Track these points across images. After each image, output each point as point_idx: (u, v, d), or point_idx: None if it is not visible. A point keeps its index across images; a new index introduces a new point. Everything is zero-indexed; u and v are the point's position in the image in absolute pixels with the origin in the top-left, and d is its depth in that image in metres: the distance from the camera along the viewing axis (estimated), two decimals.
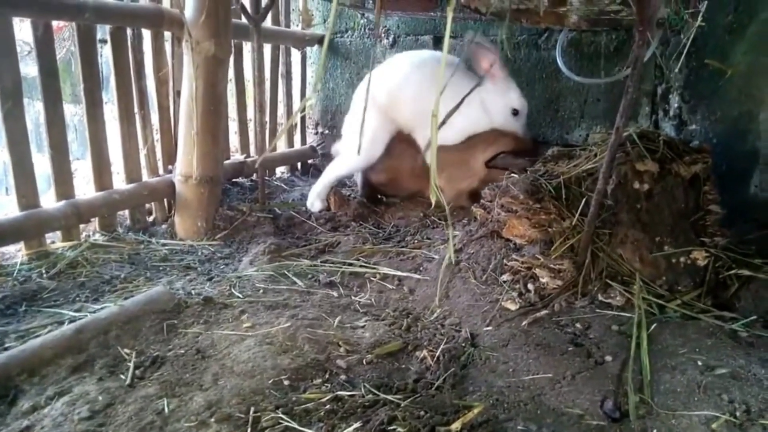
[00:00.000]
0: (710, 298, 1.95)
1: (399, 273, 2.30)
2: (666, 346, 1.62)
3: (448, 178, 2.87)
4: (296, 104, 3.93)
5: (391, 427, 1.33)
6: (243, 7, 2.83)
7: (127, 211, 2.77)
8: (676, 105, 2.82)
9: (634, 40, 1.71)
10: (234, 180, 3.35)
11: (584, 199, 2.06)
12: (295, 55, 3.92)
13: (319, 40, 3.97)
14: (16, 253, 2.34)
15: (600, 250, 2.00)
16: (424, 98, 2.56)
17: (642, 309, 1.79)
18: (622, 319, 1.79)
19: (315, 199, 3.08)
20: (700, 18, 1.86)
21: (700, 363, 1.52)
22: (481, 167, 2.82)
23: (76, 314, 1.86)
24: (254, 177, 3.43)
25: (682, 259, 1.99)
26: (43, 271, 2.20)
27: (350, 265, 2.37)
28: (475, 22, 3.38)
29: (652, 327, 1.71)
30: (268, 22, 3.36)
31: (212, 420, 1.35)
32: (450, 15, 1.15)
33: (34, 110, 4.55)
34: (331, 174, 3.06)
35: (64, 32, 4.13)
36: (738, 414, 1.33)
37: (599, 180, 1.86)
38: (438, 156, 1.21)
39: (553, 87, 3.26)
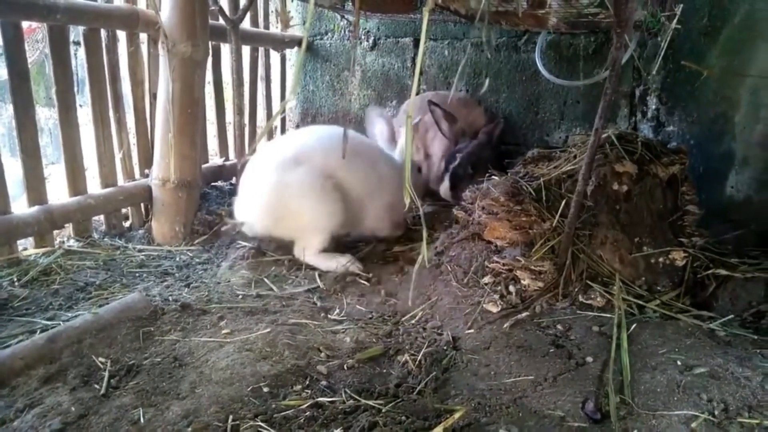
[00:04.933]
0: (689, 298, 1.97)
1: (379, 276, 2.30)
2: (646, 347, 1.63)
3: None
4: (276, 107, 3.89)
5: None
6: (221, 9, 2.79)
7: (102, 217, 2.71)
8: (653, 107, 2.85)
9: (612, 42, 1.73)
10: (213, 183, 3.30)
11: (564, 201, 2.07)
12: (275, 57, 3.89)
13: (299, 42, 3.94)
14: None
15: (580, 251, 2.01)
16: None
17: (622, 309, 1.80)
18: (603, 320, 1.80)
19: None
20: (676, 21, 1.88)
21: (679, 362, 1.53)
22: None
23: (49, 323, 1.81)
24: (233, 180, 3.38)
25: (661, 260, 2.01)
26: (15, 279, 2.14)
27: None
28: (454, 24, 3.38)
29: (632, 327, 1.72)
30: (246, 24, 3.33)
31: (189, 429, 1.32)
32: (426, 16, 1.15)
33: (7, 113, 4.45)
34: None
35: (38, 34, 4.04)
36: (717, 413, 1.34)
37: (579, 181, 1.87)
38: None
39: (532, 89, 3.28)
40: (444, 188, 2.93)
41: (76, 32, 3.12)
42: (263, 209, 2.37)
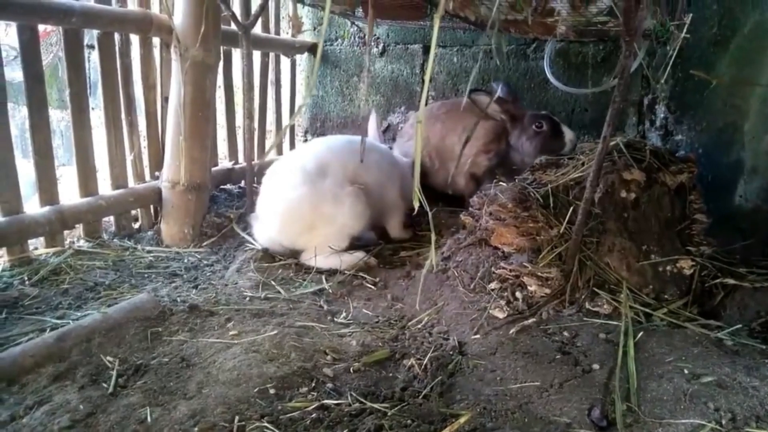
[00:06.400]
0: (696, 307, 1.96)
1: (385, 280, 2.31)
2: (653, 355, 1.63)
3: None
4: (285, 111, 3.92)
5: None
6: (233, 14, 2.82)
7: (112, 218, 2.74)
8: (662, 115, 2.85)
9: (621, 50, 1.73)
10: (222, 186, 3.33)
11: (572, 208, 2.07)
12: (285, 62, 3.92)
13: (309, 48, 3.97)
14: None
15: (587, 258, 2.01)
16: None
17: (629, 317, 1.80)
18: (610, 328, 1.80)
19: None
20: (685, 30, 1.89)
21: (686, 371, 1.52)
22: None
23: (58, 322, 1.83)
24: (242, 183, 3.41)
25: (668, 268, 2.01)
26: (26, 278, 2.16)
27: (336, 272, 2.37)
28: (464, 31, 3.40)
29: (639, 335, 1.71)
30: (257, 29, 3.35)
31: (196, 429, 1.33)
32: (437, 23, 1.16)
33: (20, 115, 4.50)
34: None
35: (52, 37, 4.09)
36: (724, 422, 1.33)
37: (587, 189, 1.87)
38: None
39: (541, 96, 3.28)
40: None
41: (90, 36, 3.16)
42: (293, 222, 2.42)
